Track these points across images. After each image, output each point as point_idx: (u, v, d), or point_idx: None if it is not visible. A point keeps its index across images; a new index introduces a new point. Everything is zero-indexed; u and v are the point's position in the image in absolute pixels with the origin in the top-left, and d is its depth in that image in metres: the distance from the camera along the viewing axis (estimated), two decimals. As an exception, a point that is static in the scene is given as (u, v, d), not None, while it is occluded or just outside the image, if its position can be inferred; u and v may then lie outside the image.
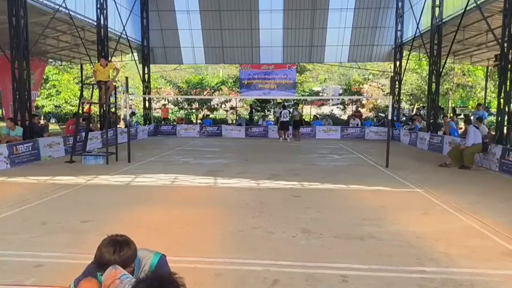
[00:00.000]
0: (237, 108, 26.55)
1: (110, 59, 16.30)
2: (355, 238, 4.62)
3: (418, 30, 16.33)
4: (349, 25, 20.37)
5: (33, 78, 17.56)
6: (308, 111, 27.01)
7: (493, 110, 17.36)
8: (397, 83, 19.14)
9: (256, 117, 23.59)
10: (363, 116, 23.56)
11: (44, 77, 23.94)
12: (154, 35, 20.82)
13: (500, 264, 3.90)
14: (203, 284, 3.43)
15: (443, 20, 14.88)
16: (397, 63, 20.01)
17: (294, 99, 23.28)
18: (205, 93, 25.12)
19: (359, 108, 24.29)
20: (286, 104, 21.63)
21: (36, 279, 3.44)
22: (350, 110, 25.46)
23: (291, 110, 19.94)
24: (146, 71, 20.58)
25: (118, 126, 13.93)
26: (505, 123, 9.89)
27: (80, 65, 23.76)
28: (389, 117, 10.68)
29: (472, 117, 13.10)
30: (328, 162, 11.35)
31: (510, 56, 9.65)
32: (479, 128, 10.82)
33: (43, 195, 6.55)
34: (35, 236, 4.60)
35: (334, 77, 40.34)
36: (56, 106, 28.64)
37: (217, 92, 25.98)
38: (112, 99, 11.80)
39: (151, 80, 21.83)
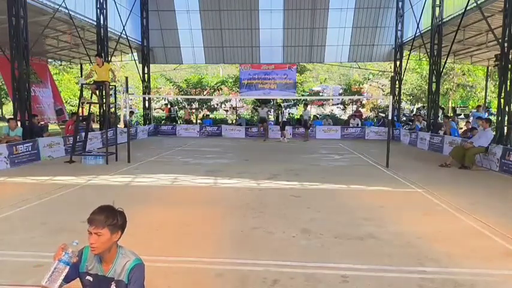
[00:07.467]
0: (237, 108, 26.53)
1: (109, 58, 16.30)
2: (355, 238, 4.61)
3: (418, 30, 16.32)
4: (349, 25, 20.34)
5: (37, 77, 17.57)
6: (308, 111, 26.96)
7: (493, 110, 17.34)
8: (397, 82, 19.14)
9: (177, 117, 23.09)
10: (363, 116, 23.53)
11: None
12: (154, 34, 20.82)
13: (501, 264, 3.90)
14: (203, 284, 3.43)
15: (444, 20, 14.88)
16: (397, 63, 20.00)
17: (294, 99, 23.22)
18: (205, 93, 25.12)
19: (359, 108, 24.26)
20: (286, 104, 21.62)
21: (36, 279, 3.43)
22: (350, 110, 25.43)
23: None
24: (146, 71, 20.59)
25: (118, 126, 13.90)
26: (505, 123, 9.89)
27: (79, 65, 23.77)
28: (390, 117, 10.67)
29: (471, 118, 13.10)
30: (329, 162, 11.34)
31: (510, 56, 9.65)
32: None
33: (43, 195, 6.55)
34: (35, 236, 4.60)
35: (334, 77, 40.35)
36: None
37: (217, 91, 25.97)
38: (112, 99, 11.79)
39: (151, 80, 21.83)
